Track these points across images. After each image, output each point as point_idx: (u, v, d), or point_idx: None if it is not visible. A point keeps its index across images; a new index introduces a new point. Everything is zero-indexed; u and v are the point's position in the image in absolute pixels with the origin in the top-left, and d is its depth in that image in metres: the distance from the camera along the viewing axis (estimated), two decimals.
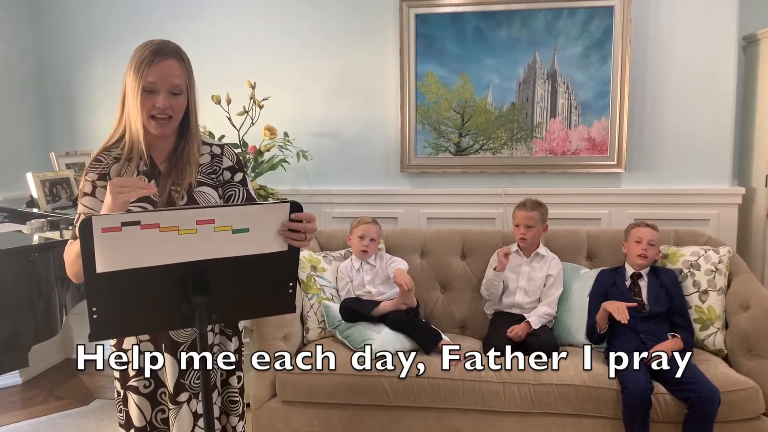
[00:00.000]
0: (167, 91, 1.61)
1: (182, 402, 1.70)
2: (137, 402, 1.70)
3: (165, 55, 1.60)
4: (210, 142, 1.84)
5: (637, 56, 3.31)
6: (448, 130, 3.49)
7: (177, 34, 3.69)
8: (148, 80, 1.58)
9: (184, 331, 1.68)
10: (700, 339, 2.71)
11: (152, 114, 1.61)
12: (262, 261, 1.37)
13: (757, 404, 2.39)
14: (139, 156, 1.68)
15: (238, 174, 1.81)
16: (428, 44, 3.43)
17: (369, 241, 2.96)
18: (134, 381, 1.70)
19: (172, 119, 1.65)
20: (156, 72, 1.59)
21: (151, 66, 1.58)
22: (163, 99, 1.60)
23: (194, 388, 1.71)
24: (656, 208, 3.37)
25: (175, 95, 1.63)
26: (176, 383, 1.68)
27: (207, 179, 1.75)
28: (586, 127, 3.37)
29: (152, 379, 1.70)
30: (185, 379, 1.70)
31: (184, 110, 1.67)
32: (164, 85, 1.60)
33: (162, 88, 1.60)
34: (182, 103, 1.66)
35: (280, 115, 3.53)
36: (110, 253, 1.22)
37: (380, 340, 2.67)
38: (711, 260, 2.79)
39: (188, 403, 1.71)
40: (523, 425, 2.52)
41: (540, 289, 2.92)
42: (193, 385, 1.71)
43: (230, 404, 1.80)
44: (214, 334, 1.74)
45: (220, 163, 1.79)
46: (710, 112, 3.31)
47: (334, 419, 2.63)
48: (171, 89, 1.61)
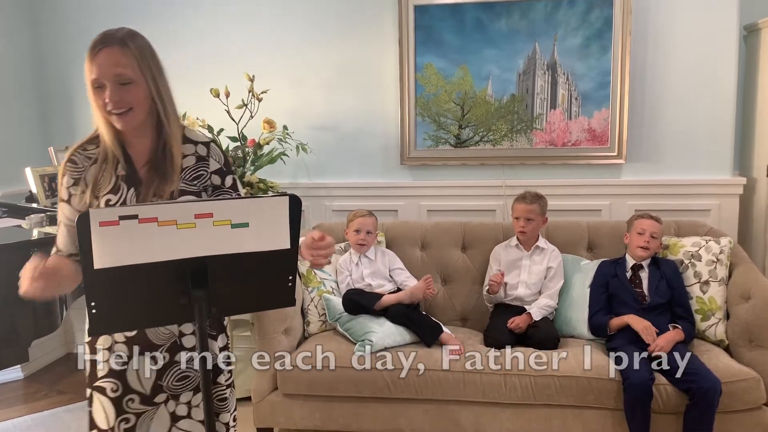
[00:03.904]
0: (114, 83, 1.48)
1: (159, 403, 1.64)
2: (103, 404, 1.63)
3: (105, 44, 1.48)
4: (195, 139, 1.67)
5: (637, 46, 3.29)
6: (448, 122, 3.48)
7: (176, 27, 3.70)
8: (92, 76, 1.48)
9: (163, 333, 1.62)
10: (701, 330, 2.71)
11: (108, 109, 1.50)
12: (261, 255, 1.36)
13: (758, 394, 2.39)
14: (115, 157, 1.57)
15: (228, 178, 1.68)
16: (427, 36, 3.41)
17: (365, 234, 2.96)
18: (102, 382, 1.63)
19: (134, 111, 1.52)
20: (97, 64, 1.47)
21: (92, 59, 1.47)
22: (111, 92, 1.48)
23: (173, 389, 1.65)
24: (657, 198, 3.36)
25: (124, 85, 1.49)
26: (153, 385, 1.63)
27: (190, 186, 1.62)
28: (587, 118, 3.36)
29: (120, 383, 1.62)
30: (163, 380, 1.64)
31: (145, 100, 1.53)
32: (107, 77, 1.48)
33: (106, 81, 1.48)
34: (137, 93, 1.51)
35: (279, 108, 3.51)
36: (108, 249, 1.21)
37: (381, 332, 2.67)
38: (712, 251, 2.78)
39: (165, 404, 1.65)
40: (524, 417, 2.52)
41: (541, 281, 2.92)
42: (172, 386, 1.65)
43: (219, 402, 1.74)
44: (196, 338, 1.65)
45: (206, 166, 1.65)
46: (711, 102, 3.29)
47: (335, 412, 2.64)
48: (116, 80, 1.48)
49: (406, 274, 3.00)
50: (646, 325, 2.53)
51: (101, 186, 1.58)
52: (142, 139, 1.60)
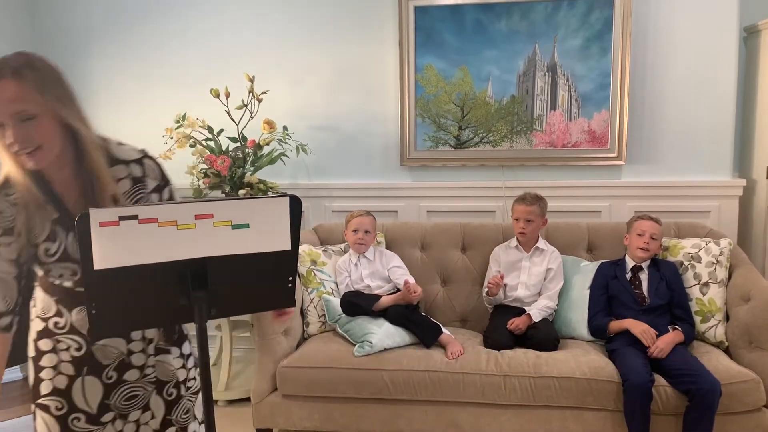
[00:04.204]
0: (14, 120, 1.30)
1: (106, 422, 1.59)
2: (47, 422, 1.55)
3: None
4: (125, 158, 1.51)
5: (637, 48, 3.29)
6: (448, 123, 3.48)
7: (175, 27, 3.70)
8: None
9: (111, 352, 1.56)
10: (701, 331, 2.71)
11: (14, 150, 1.33)
12: (261, 257, 1.35)
13: (757, 396, 2.39)
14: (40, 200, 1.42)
15: (165, 191, 1.57)
16: (428, 37, 3.42)
17: (363, 234, 2.96)
18: (46, 400, 1.54)
19: (43, 148, 1.35)
20: None
21: None
22: (13, 131, 1.31)
23: (121, 408, 1.60)
24: (657, 200, 3.36)
25: (27, 121, 1.31)
26: (100, 404, 1.57)
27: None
28: (587, 120, 3.36)
29: (65, 401, 1.55)
30: (110, 399, 1.58)
31: (55, 134, 1.36)
32: (4, 116, 1.30)
33: (4, 119, 1.31)
34: (44, 128, 1.34)
35: (279, 108, 3.51)
36: (108, 250, 1.21)
37: (380, 334, 2.67)
38: (712, 252, 2.78)
39: (113, 423, 1.59)
40: (524, 418, 2.52)
41: (540, 283, 2.92)
42: (120, 405, 1.59)
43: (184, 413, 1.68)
44: (146, 356, 1.60)
45: (144, 187, 1.53)
46: (711, 103, 3.29)
47: (334, 413, 2.63)
48: (17, 117, 1.30)
49: (401, 271, 2.98)
50: (644, 329, 2.53)
51: (36, 233, 1.45)
52: (63, 173, 1.44)
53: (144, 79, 3.75)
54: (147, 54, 3.72)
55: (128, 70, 3.76)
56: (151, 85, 3.74)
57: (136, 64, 3.75)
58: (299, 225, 1.39)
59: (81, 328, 1.54)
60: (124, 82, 3.77)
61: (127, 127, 3.76)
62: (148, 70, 3.73)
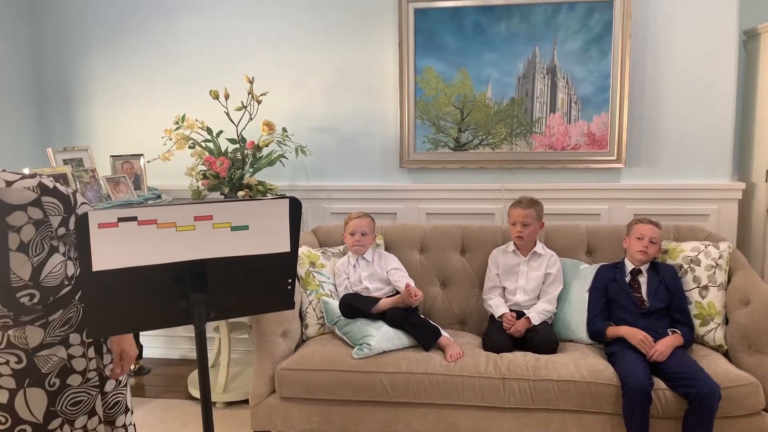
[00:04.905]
0: None
1: (54, 429, 1.61)
2: None
3: None
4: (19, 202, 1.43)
5: (637, 51, 3.30)
6: (448, 126, 3.47)
7: (175, 29, 3.70)
8: None
9: (51, 360, 1.58)
10: (700, 335, 2.70)
11: None
12: (261, 259, 1.35)
13: (757, 400, 2.39)
14: None
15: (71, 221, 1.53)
16: (427, 39, 3.41)
17: (361, 236, 2.95)
18: None
19: None
20: None
21: None
22: None
23: (67, 413, 1.61)
24: (656, 203, 3.36)
25: None
26: (46, 412, 1.58)
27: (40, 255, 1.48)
28: (586, 122, 3.36)
29: (8, 415, 1.55)
30: (56, 406, 1.60)
31: None
32: None
33: None
34: None
35: (279, 110, 3.51)
36: (107, 251, 1.21)
37: (379, 336, 2.66)
38: (711, 256, 2.78)
39: (61, 429, 1.62)
40: (523, 421, 2.51)
41: (539, 287, 2.91)
42: (66, 410, 1.61)
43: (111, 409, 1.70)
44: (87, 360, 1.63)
45: (49, 227, 1.50)
46: (710, 107, 3.30)
47: (333, 415, 2.63)
48: None
49: (401, 273, 2.98)
50: (642, 338, 2.53)
51: None
52: None
53: (143, 80, 3.74)
54: (147, 55, 3.72)
55: (128, 71, 3.76)
56: (151, 86, 3.74)
57: (136, 64, 3.74)
58: (299, 227, 1.39)
59: (19, 342, 1.55)
60: (124, 83, 3.77)
61: (127, 128, 3.77)
62: (148, 71, 3.73)
